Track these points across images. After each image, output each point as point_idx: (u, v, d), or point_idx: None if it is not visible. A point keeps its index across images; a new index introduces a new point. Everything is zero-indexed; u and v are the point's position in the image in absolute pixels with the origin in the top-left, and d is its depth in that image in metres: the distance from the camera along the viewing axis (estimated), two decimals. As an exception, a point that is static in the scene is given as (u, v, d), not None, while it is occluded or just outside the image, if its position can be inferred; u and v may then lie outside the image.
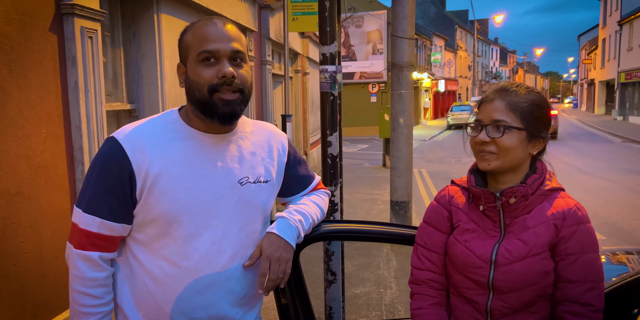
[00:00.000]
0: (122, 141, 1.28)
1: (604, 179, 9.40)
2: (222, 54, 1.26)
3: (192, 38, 1.29)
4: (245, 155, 1.39)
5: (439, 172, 11.41)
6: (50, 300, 2.67)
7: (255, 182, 1.39)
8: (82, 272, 1.28)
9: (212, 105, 1.27)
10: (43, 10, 2.66)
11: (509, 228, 1.36)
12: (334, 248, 2.48)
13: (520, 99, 1.35)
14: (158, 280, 1.32)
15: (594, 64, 40.96)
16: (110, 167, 1.27)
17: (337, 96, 2.49)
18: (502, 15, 39.82)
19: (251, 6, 6.08)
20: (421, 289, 1.47)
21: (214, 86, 1.26)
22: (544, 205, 1.35)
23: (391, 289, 4.40)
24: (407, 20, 5.57)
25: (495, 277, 1.33)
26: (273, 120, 7.10)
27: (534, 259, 1.31)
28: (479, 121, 1.37)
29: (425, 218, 1.51)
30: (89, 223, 1.27)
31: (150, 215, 1.29)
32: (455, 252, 1.39)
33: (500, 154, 1.33)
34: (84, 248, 1.28)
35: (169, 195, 1.28)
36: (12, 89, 2.44)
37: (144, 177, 1.27)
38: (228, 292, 1.36)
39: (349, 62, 23.90)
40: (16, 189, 2.47)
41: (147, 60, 3.87)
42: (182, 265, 1.31)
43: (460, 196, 1.46)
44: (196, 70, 1.27)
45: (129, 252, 1.35)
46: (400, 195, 6.01)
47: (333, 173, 2.50)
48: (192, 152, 1.32)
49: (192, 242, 1.31)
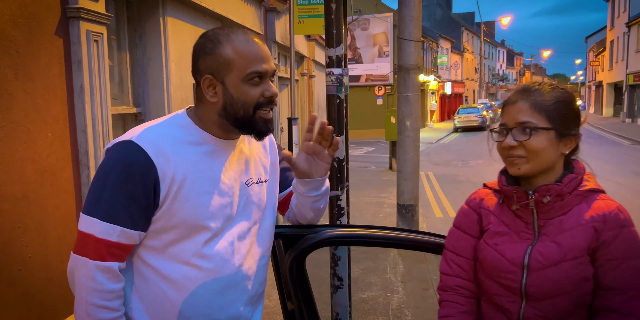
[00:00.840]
0: (144, 146, 1.24)
1: (612, 182, 9.31)
2: (268, 75, 1.30)
3: (235, 55, 1.27)
4: (248, 157, 1.42)
5: (446, 175, 11.35)
6: (55, 304, 2.66)
7: (258, 182, 1.42)
8: (102, 285, 1.22)
9: (253, 122, 1.31)
10: (49, 14, 2.66)
11: (543, 230, 1.27)
12: (340, 253, 2.46)
13: (544, 98, 1.28)
14: (178, 284, 1.29)
15: (601, 66, 40.72)
16: (132, 173, 1.22)
17: (344, 99, 2.47)
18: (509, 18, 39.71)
19: (257, 9, 6.08)
20: (449, 296, 1.40)
21: (259, 104, 1.29)
22: (581, 206, 1.26)
23: (398, 293, 4.36)
24: (413, 23, 5.55)
25: (528, 282, 1.25)
26: (279, 124, 7.09)
27: (570, 263, 1.22)
28: (504, 125, 1.30)
29: (455, 222, 1.45)
30: (108, 232, 1.21)
31: (172, 221, 1.27)
32: (485, 257, 1.33)
33: (529, 157, 1.26)
34: (104, 259, 1.22)
35: (193, 200, 1.28)
36: (18, 92, 2.44)
37: (170, 183, 1.25)
38: (243, 292, 1.38)
39: (355, 64, 23.90)
40: (22, 193, 2.46)
41: (153, 63, 3.87)
42: (204, 267, 1.31)
43: (492, 199, 1.39)
44: (243, 89, 1.28)
45: (138, 260, 1.31)
46: (407, 198, 5.97)
47: (339, 177, 2.48)
48: (207, 157, 1.32)
49: (212, 245, 1.32)
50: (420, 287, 4.50)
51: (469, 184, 9.97)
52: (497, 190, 1.37)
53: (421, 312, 3.97)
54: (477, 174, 11.24)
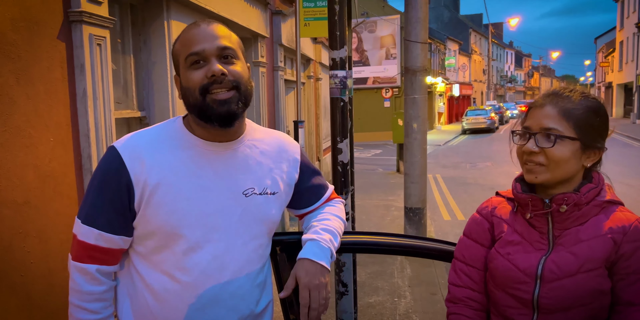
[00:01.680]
0: (120, 150, 1.23)
1: (623, 184, 9.18)
2: (208, 53, 1.20)
3: (179, 45, 1.25)
4: (251, 164, 1.31)
5: (454, 177, 11.27)
6: (57, 311, 2.64)
7: (261, 193, 1.31)
8: (79, 285, 1.24)
9: (206, 107, 1.20)
10: (51, 17, 2.64)
11: (559, 240, 1.22)
12: (345, 259, 2.42)
13: (574, 105, 1.21)
14: (158, 295, 1.26)
15: (611, 67, 40.39)
16: (108, 177, 1.22)
17: (348, 102, 2.43)
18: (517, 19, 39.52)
19: (263, 12, 6.06)
20: (458, 309, 1.34)
21: (204, 86, 1.19)
22: (600, 217, 1.21)
23: (405, 298, 4.31)
24: (420, 24, 5.50)
25: (541, 294, 1.19)
26: (285, 126, 7.06)
27: (586, 275, 1.16)
28: (527, 128, 1.24)
29: (465, 231, 1.40)
30: (87, 235, 1.23)
31: (149, 228, 1.24)
32: (497, 266, 1.27)
33: (549, 166, 1.20)
34: (82, 260, 1.24)
35: (168, 206, 1.22)
36: (20, 97, 2.42)
37: (142, 188, 1.21)
38: (231, 311, 1.29)
39: (362, 67, 23.86)
40: (23, 199, 2.44)
41: (158, 67, 3.85)
42: (181, 280, 1.25)
43: (505, 207, 1.33)
44: (187, 75, 1.22)
45: (131, 265, 1.30)
46: (414, 201, 5.91)
47: (344, 181, 2.43)
48: (192, 162, 1.25)
49: (192, 256, 1.24)
50: (427, 292, 4.44)
51: (478, 187, 9.89)
52: (511, 198, 1.31)
53: (429, 317, 3.91)
54: (485, 177, 11.15)
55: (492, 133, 25.87)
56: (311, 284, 1.26)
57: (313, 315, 1.25)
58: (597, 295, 1.16)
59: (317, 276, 1.28)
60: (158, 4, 3.81)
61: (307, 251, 1.32)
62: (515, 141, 1.26)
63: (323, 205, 1.50)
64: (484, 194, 8.89)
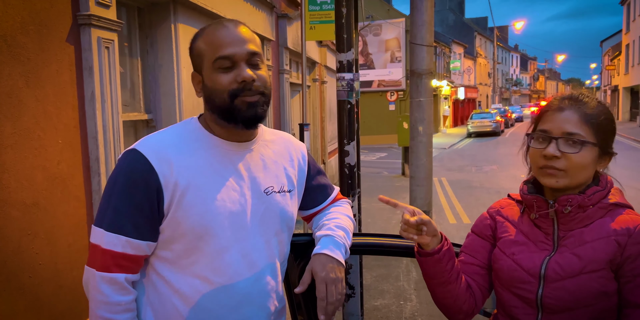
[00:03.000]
0: (146, 153, 1.21)
1: (631, 188, 9.13)
2: (238, 58, 1.21)
3: (204, 45, 1.24)
4: (268, 163, 1.34)
5: (460, 180, 11.24)
6: (66, 312, 2.65)
7: (279, 191, 1.34)
8: (107, 297, 1.19)
9: (234, 109, 1.22)
10: (60, 21, 2.66)
11: (563, 241, 1.23)
12: (352, 261, 2.42)
13: (594, 111, 1.21)
14: (189, 299, 1.24)
15: (617, 70, 40.23)
16: (135, 182, 1.20)
17: (355, 104, 2.44)
18: (523, 22, 39.45)
19: (268, 15, 6.09)
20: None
21: (234, 91, 1.21)
22: (605, 220, 1.21)
23: (411, 301, 4.29)
24: (425, 27, 5.51)
25: (545, 294, 1.21)
26: (291, 129, 7.08)
27: (589, 276, 1.17)
28: (546, 132, 1.22)
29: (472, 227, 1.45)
30: (113, 242, 1.19)
31: (180, 230, 1.22)
32: (502, 266, 1.29)
33: (569, 171, 1.19)
34: (109, 270, 1.19)
35: (199, 207, 1.22)
36: (29, 99, 2.44)
37: (172, 190, 1.21)
38: (260, 309, 1.30)
39: (367, 70, 23.89)
40: (32, 200, 2.46)
41: (165, 70, 3.87)
42: (215, 281, 1.24)
43: (512, 208, 1.36)
44: (213, 78, 1.22)
45: (153, 272, 1.28)
46: (420, 204, 5.90)
47: (350, 183, 2.44)
48: (217, 161, 1.26)
49: (224, 256, 1.25)
50: (434, 295, 4.42)
51: (483, 190, 9.86)
52: (520, 200, 1.33)
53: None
54: (491, 180, 11.11)
55: (498, 136, 25.79)
56: (328, 278, 1.27)
57: (330, 310, 1.26)
58: (600, 297, 1.16)
59: (334, 270, 1.29)
60: (165, 7, 3.84)
61: (323, 246, 1.33)
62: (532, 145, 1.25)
63: (330, 206, 1.52)
64: (489, 198, 8.86)
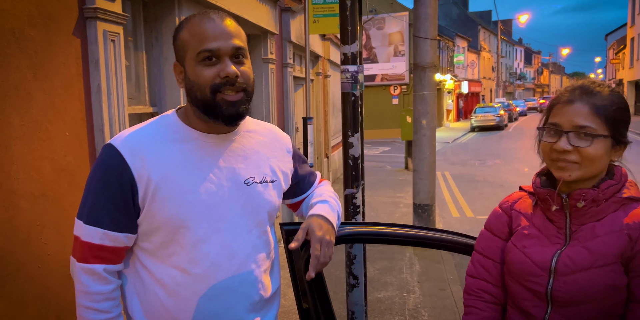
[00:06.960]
0: (119, 147, 1.23)
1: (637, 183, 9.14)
2: (223, 53, 1.20)
3: (189, 36, 1.23)
4: (249, 154, 1.34)
5: (463, 174, 11.25)
6: (73, 302, 2.67)
7: (261, 182, 1.35)
8: (87, 287, 1.24)
9: (215, 106, 1.22)
10: (66, 14, 2.69)
11: (575, 235, 1.23)
12: (356, 251, 2.44)
13: (605, 102, 1.19)
14: (169, 289, 1.27)
15: (622, 64, 40.00)
16: (109, 176, 1.22)
17: (359, 96, 2.45)
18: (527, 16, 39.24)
19: (272, 9, 6.09)
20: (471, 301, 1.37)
21: (216, 86, 1.21)
22: (618, 214, 1.20)
23: (414, 293, 4.33)
24: (429, 21, 5.51)
25: (555, 287, 1.21)
26: (294, 123, 7.09)
27: (600, 270, 1.17)
28: (556, 125, 1.21)
29: (485, 224, 1.42)
30: (91, 235, 1.23)
31: (155, 223, 1.25)
32: (512, 259, 1.29)
33: (582, 164, 1.19)
34: (88, 261, 1.24)
35: (174, 200, 1.23)
36: (37, 92, 2.47)
37: (146, 184, 1.22)
38: (243, 297, 1.32)
39: (370, 64, 23.81)
40: (40, 191, 2.49)
41: (169, 63, 3.89)
42: (192, 272, 1.26)
43: (525, 201, 1.35)
44: (196, 71, 1.22)
45: (138, 263, 1.31)
46: (423, 198, 5.93)
47: (355, 175, 2.46)
48: (193, 154, 1.27)
49: (201, 248, 1.26)
50: (436, 287, 4.46)
51: (487, 184, 9.87)
52: (532, 192, 1.33)
53: (438, 313, 3.93)
54: (494, 174, 11.12)
55: (501, 130, 25.75)
56: (324, 239, 1.31)
57: (319, 268, 1.31)
58: (610, 291, 1.16)
59: (328, 233, 1.34)
60: (170, 1, 3.85)
61: (319, 209, 1.38)
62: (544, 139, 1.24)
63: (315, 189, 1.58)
64: (493, 191, 8.88)
